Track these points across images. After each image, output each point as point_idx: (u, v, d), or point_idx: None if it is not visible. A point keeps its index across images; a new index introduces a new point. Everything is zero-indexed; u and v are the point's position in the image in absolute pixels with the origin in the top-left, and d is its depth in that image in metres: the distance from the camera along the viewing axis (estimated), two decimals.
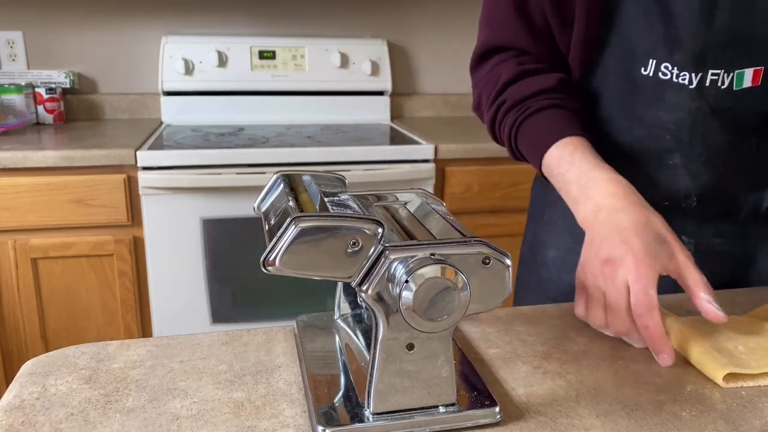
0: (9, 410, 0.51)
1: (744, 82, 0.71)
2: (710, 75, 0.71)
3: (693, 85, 0.72)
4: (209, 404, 0.52)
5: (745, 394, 0.55)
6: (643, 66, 0.74)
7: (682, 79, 0.72)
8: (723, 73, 0.71)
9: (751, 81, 0.71)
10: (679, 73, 0.72)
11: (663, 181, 0.78)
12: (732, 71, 0.71)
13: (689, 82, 0.72)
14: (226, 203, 1.68)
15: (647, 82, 0.74)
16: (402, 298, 0.44)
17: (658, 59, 0.73)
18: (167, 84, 2.10)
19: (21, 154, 1.58)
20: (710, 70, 0.71)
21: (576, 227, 0.69)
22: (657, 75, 0.73)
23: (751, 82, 0.71)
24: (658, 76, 0.73)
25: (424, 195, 0.60)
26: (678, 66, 0.71)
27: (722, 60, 0.70)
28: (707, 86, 0.71)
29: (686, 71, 0.71)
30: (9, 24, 2.08)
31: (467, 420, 0.50)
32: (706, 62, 0.70)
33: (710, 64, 0.70)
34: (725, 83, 0.71)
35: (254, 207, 0.58)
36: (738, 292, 0.79)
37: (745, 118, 0.74)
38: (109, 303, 1.73)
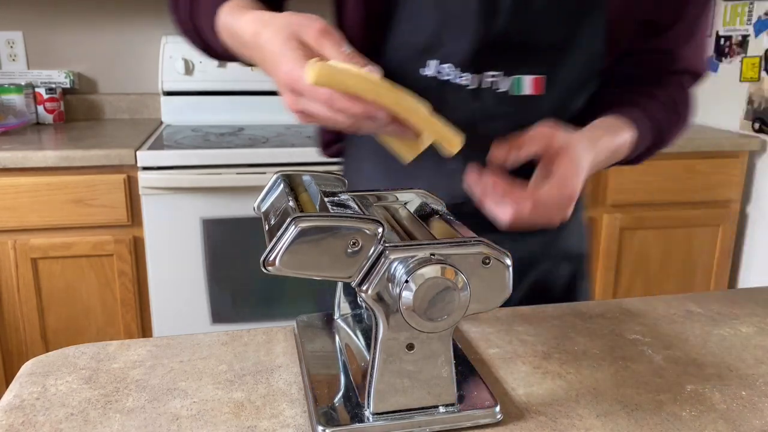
0: (9, 410, 0.51)
1: (524, 88, 0.72)
2: (487, 77, 0.71)
3: (472, 86, 0.72)
4: (209, 404, 0.52)
5: (745, 394, 0.55)
6: (424, 66, 0.73)
7: (462, 80, 0.72)
8: (501, 75, 0.71)
9: (533, 89, 0.72)
10: (460, 74, 0.71)
11: (442, 187, 0.73)
12: (510, 75, 0.71)
13: (469, 83, 0.72)
14: (226, 203, 1.68)
15: (428, 83, 0.73)
16: (402, 298, 0.44)
17: (438, 59, 0.72)
18: (167, 84, 2.10)
19: (21, 154, 1.58)
20: (486, 72, 0.71)
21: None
22: (436, 77, 0.73)
23: (533, 90, 0.72)
24: (437, 78, 0.73)
25: (424, 195, 0.60)
26: (458, 66, 0.71)
27: (499, 63, 0.71)
28: (484, 89, 0.72)
29: (466, 72, 0.71)
30: (9, 24, 2.08)
31: (467, 420, 0.50)
32: (484, 64, 0.71)
33: (488, 66, 0.71)
34: (503, 87, 0.72)
35: (254, 207, 0.58)
36: (738, 292, 0.79)
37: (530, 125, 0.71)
38: (109, 303, 1.72)
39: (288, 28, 0.57)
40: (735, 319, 0.70)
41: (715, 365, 0.60)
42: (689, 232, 2.09)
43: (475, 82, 0.72)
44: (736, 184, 2.07)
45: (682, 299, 0.76)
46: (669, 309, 0.73)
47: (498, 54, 0.71)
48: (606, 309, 0.72)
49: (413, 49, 0.73)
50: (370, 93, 0.52)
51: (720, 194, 2.07)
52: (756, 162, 2.12)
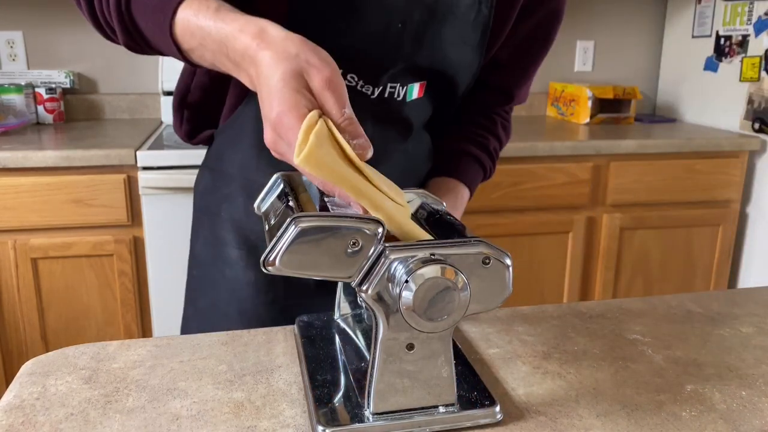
0: (9, 410, 0.51)
1: (413, 94, 0.81)
2: (389, 88, 0.78)
3: (374, 96, 0.78)
4: (209, 404, 0.52)
5: (745, 394, 0.55)
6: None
7: (366, 89, 0.77)
8: (399, 86, 0.79)
9: (417, 93, 0.81)
10: (364, 84, 0.77)
11: None
12: (405, 86, 0.79)
13: (371, 93, 0.78)
14: None
15: None
16: (402, 298, 0.44)
17: (345, 69, 0.74)
18: (167, 84, 2.10)
19: (21, 154, 1.58)
20: (389, 84, 0.78)
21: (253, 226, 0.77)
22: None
23: (417, 95, 0.81)
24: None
25: (424, 195, 0.60)
26: (363, 78, 0.76)
27: (399, 77, 0.78)
28: (386, 97, 0.79)
29: (369, 85, 0.77)
30: (9, 24, 2.08)
31: (467, 420, 0.50)
32: (386, 79, 0.77)
33: (389, 80, 0.78)
34: (401, 96, 0.80)
35: (254, 207, 0.58)
36: (738, 292, 0.79)
37: (411, 124, 0.83)
38: (109, 303, 1.72)
39: (296, 60, 0.52)
40: (735, 319, 0.70)
41: (715, 365, 0.60)
42: (689, 232, 2.09)
43: (376, 93, 0.78)
44: (736, 184, 2.07)
45: (682, 299, 0.76)
46: (669, 309, 0.73)
47: (400, 74, 0.78)
48: (606, 309, 0.72)
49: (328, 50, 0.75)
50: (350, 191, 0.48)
51: (720, 194, 2.07)
52: (756, 162, 2.12)
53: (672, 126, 2.32)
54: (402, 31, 0.75)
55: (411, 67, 0.78)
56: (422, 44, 0.76)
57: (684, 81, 2.44)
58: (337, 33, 0.75)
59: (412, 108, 0.82)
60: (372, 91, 0.78)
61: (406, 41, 0.75)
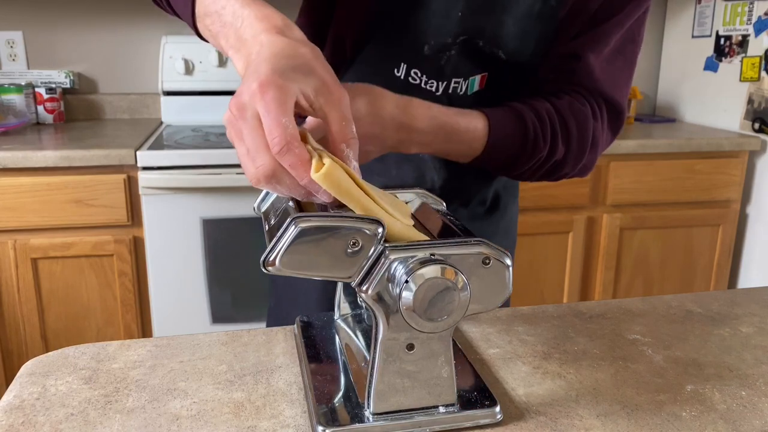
0: (9, 410, 0.51)
1: (475, 86, 0.79)
2: (453, 83, 0.78)
3: (439, 93, 0.78)
4: (209, 404, 0.52)
5: (745, 394, 0.55)
6: (396, 68, 0.78)
7: (430, 86, 0.78)
8: (462, 81, 0.78)
9: (479, 85, 0.79)
10: (428, 80, 0.77)
11: (410, 172, 0.82)
12: (468, 79, 0.78)
13: (436, 90, 0.78)
14: (226, 203, 1.68)
15: (399, 83, 0.78)
16: (402, 298, 0.44)
17: (408, 64, 0.77)
18: (167, 84, 2.10)
19: (21, 154, 1.58)
20: (453, 79, 0.78)
21: None
22: (407, 79, 0.78)
23: (479, 86, 0.79)
24: (408, 81, 0.78)
25: (424, 195, 0.60)
26: (426, 74, 0.77)
27: (461, 71, 0.77)
28: (450, 93, 0.78)
29: (433, 80, 0.77)
30: (9, 24, 2.08)
31: (467, 420, 0.50)
32: (448, 74, 0.77)
33: (452, 75, 0.77)
34: (463, 89, 0.79)
35: (254, 207, 0.58)
36: (738, 292, 0.79)
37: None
38: (109, 303, 1.72)
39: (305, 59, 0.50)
40: (735, 319, 0.70)
41: (715, 365, 0.60)
42: (689, 232, 2.09)
43: (440, 88, 0.78)
44: (736, 184, 2.07)
45: (682, 299, 0.76)
46: (669, 309, 0.73)
47: (461, 65, 0.77)
48: (606, 309, 0.72)
49: (392, 49, 0.78)
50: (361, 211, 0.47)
51: (720, 194, 2.07)
52: (756, 162, 2.12)
53: (672, 126, 2.32)
54: (460, 21, 0.74)
55: (470, 58, 0.77)
56: (482, 34, 0.75)
57: (684, 81, 2.44)
58: (401, 25, 0.76)
59: (475, 101, 0.80)
60: (436, 86, 0.77)
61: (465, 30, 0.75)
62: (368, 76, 0.77)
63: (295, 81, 0.47)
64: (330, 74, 0.50)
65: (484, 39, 0.76)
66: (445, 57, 0.76)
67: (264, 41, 0.51)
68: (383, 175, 0.83)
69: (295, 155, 0.45)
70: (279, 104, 0.45)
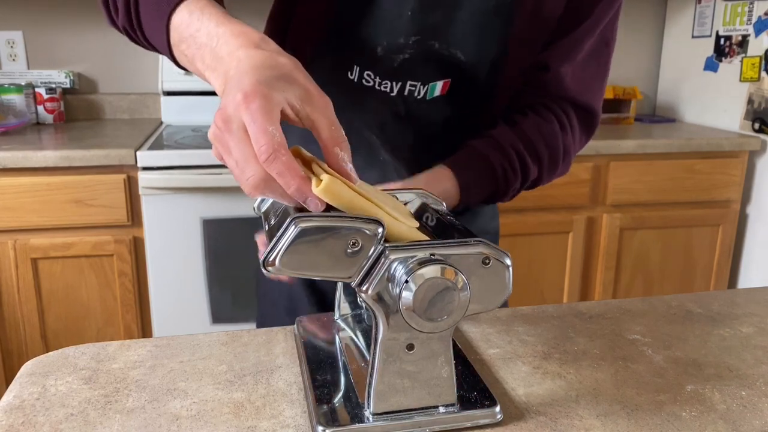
0: (9, 410, 0.51)
1: (435, 92, 0.78)
2: (409, 86, 0.77)
3: (394, 93, 0.77)
4: (209, 404, 0.52)
5: (745, 394, 0.55)
6: (349, 70, 0.78)
7: (384, 87, 0.77)
8: (419, 84, 0.77)
9: (440, 91, 0.78)
10: (381, 81, 0.77)
11: (375, 175, 0.80)
12: (427, 84, 0.77)
13: (390, 90, 0.77)
14: (226, 203, 1.68)
15: (352, 86, 0.78)
16: (402, 298, 0.44)
17: (361, 66, 0.77)
18: (167, 84, 2.10)
19: (21, 154, 1.58)
20: (409, 81, 0.76)
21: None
22: (361, 81, 0.78)
23: (440, 92, 0.78)
24: (362, 83, 0.78)
25: (424, 195, 0.60)
26: (380, 75, 0.76)
27: (418, 74, 0.76)
28: (406, 95, 0.77)
29: (387, 80, 0.76)
30: (9, 24, 2.08)
31: (467, 420, 0.50)
32: (403, 75, 0.76)
33: (407, 77, 0.76)
34: (421, 93, 0.78)
35: (254, 207, 0.58)
36: (738, 292, 0.79)
37: (434, 122, 0.81)
38: (109, 303, 1.72)
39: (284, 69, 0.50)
40: (735, 319, 0.70)
41: (715, 365, 0.60)
42: (689, 232, 2.09)
43: (395, 89, 0.77)
44: (736, 184, 2.07)
45: (682, 299, 0.76)
46: (669, 309, 0.73)
47: (420, 65, 0.76)
48: (606, 309, 0.72)
49: (344, 53, 0.78)
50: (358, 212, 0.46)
51: (720, 194, 2.07)
52: (756, 162, 2.12)
53: (672, 126, 2.32)
54: (412, 20, 0.74)
55: (427, 60, 0.76)
56: (436, 33, 0.74)
57: (684, 81, 2.44)
58: (353, 27, 0.76)
59: (433, 106, 0.79)
60: (391, 87, 0.77)
61: (418, 30, 0.74)
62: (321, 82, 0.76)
63: (279, 90, 0.47)
64: (311, 82, 0.51)
65: (438, 40, 0.75)
66: (400, 58, 0.75)
67: (242, 56, 0.51)
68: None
69: (282, 163, 0.44)
70: (264, 113, 0.45)
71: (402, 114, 0.79)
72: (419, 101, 0.78)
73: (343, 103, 0.80)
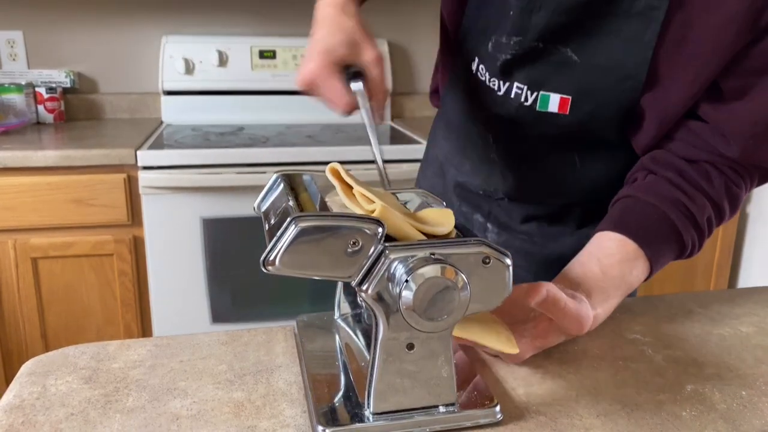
0: (9, 410, 0.51)
1: (549, 106, 0.71)
2: (516, 88, 0.72)
3: (501, 92, 0.74)
4: (209, 404, 0.52)
5: (745, 394, 0.55)
6: (472, 61, 0.78)
7: (492, 84, 0.75)
8: (527, 89, 0.71)
9: (558, 108, 0.70)
10: (490, 78, 0.75)
11: (483, 172, 0.83)
12: (536, 91, 0.71)
13: (498, 89, 0.74)
14: (226, 203, 1.68)
15: (474, 78, 0.78)
16: (402, 297, 0.44)
17: (478, 60, 0.76)
18: (167, 84, 2.10)
19: (21, 153, 1.58)
20: (516, 83, 0.72)
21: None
22: (477, 74, 0.77)
23: (558, 109, 0.70)
24: (478, 76, 0.77)
25: (424, 195, 0.60)
26: (489, 72, 0.75)
27: (527, 76, 0.71)
28: (512, 97, 0.73)
29: (495, 78, 0.74)
30: (9, 24, 2.08)
31: (467, 420, 0.50)
32: (512, 75, 0.72)
33: (516, 77, 0.72)
34: (529, 100, 0.72)
35: (254, 207, 0.58)
36: (738, 292, 0.79)
37: (555, 136, 0.74)
38: (109, 303, 1.72)
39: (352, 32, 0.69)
40: (735, 319, 0.70)
41: (715, 365, 0.60)
42: None
43: (503, 89, 0.74)
44: None
45: (682, 299, 0.76)
46: (669, 309, 0.73)
47: (525, 67, 0.71)
48: None
49: (467, 44, 0.79)
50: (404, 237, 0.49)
51: None
52: None
53: None
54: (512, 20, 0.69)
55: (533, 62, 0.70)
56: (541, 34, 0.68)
57: None
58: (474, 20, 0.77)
59: (546, 121, 0.72)
60: (498, 86, 0.74)
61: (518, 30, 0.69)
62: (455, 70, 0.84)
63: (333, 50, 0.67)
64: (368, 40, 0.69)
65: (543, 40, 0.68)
66: (502, 57, 0.71)
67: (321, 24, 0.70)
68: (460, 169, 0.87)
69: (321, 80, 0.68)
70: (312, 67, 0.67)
71: (514, 118, 0.75)
72: (529, 109, 0.72)
73: (463, 95, 0.83)
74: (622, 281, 0.63)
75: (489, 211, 0.85)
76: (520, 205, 0.84)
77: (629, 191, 0.69)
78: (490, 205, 0.85)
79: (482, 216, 0.86)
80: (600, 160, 0.77)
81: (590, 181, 0.78)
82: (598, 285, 0.62)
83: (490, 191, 0.84)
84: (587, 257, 0.65)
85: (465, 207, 0.88)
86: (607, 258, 0.64)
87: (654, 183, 0.68)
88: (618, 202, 0.69)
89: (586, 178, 0.78)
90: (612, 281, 0.62)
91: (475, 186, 0.85)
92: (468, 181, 0.86)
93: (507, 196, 0.83)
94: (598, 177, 0.78)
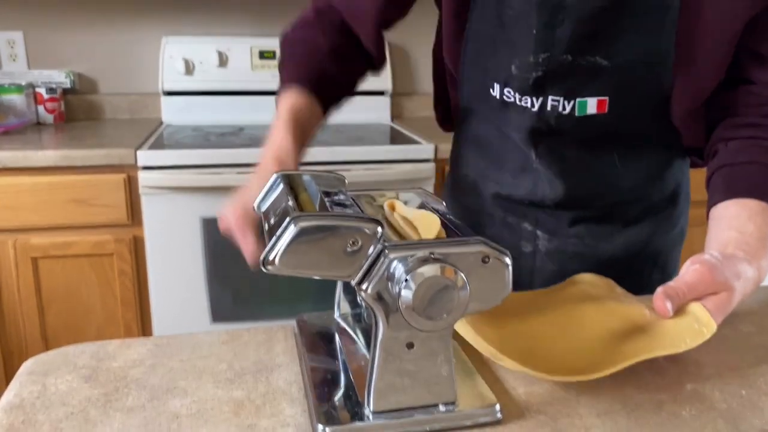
0: (9, 409, 0.51)
1: (587, 109, 0.73)
2: (551, 101, 0.74)
3: (535, 108, 0.75)
4: (209, 403, 0.52)
5: (745, 393, 0.55)
6: (491, 87, 0.78)
7: (524, 103, 0.76)
8: (563, 100, 0.73)
9: (596, 109, 0.73)
10: (521, 97, 0.76)
11: (525, 182, 0.83)
12: (572, 99, 0.73)
13: (531, 106, 0.75)
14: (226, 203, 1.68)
15: (495, 102, 0.79)
16: (401, 296, 0.44)
17: (501, 84, 0.77)
18: (167, 84, 2.10)
19: (21, 154, 1.58)
20: (550, 97, 0.74)
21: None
22: (502, 98, 0.78)
23: (596, 110, 0.73)
24: (503, 99, 0.78)
25: (424, 195, 0.60)
26: (519, 92, 0.76)
27: (561, 89, 0.73)
28: (549, 110, 0.75)
29: (527, 96, 0.75)
30: (9, 24, 2.08)
31: (467, 419, 0.50)
32: (545, 90, 0.74)
33: (549, 92, 0.74)
34: (566, 109, 0.74)
35: (254, 207, 0.58)
36: None
37: (596, 138, 0.77)
38: (109, 302, 1.73)
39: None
40: (735, 318, 0.70)
41: (715, 364, 0.60)
42: (689, 232, 2.09)
43: (537, 105, 0.75)
44: None
45: None
46: None
47: (558, 80, 0.73)
48: None
49: (483, 71, 0.79)
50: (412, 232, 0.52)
51: None
52: None
53: None
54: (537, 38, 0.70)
55: (565, 74, 0.72)
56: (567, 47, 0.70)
57: None
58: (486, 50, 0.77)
59: (585, 123, 0.74)
60: (531, 103, 0.75)
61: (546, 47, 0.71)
62: (470, 98, 0.84)
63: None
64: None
65: (571, 53, 0.70)
66: (533, 76, 0.73)
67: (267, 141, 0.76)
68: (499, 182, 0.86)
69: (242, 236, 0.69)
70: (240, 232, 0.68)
71: (553, 127, 0.76)
72: (568, 117, 0.74)
73: (490, 115, 0.83)
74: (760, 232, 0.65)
75: (536, 219, 0.85)
76: (567, 210, 0.84)
77: (720, 162, 0.72)
78: (537, 213, 0.85)
79: (530, 225, 0.85)
80: (638, 159, 0.81)
81: (630, 180, 0.82)
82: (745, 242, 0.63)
83: (536, 200, 0.84)
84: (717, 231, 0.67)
85: (511, 218, 0.87)
86: (736, 219, 0.66)
87: (739, 145, 0.71)
88: (714, 176, 0.72)
89: (626, 177, 0.82)
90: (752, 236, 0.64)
91: (520, 196, 0.85)
92: (511, 193, 0.85)
93: (553, 202, 0.83)
94: (638, 175, 0.82)
